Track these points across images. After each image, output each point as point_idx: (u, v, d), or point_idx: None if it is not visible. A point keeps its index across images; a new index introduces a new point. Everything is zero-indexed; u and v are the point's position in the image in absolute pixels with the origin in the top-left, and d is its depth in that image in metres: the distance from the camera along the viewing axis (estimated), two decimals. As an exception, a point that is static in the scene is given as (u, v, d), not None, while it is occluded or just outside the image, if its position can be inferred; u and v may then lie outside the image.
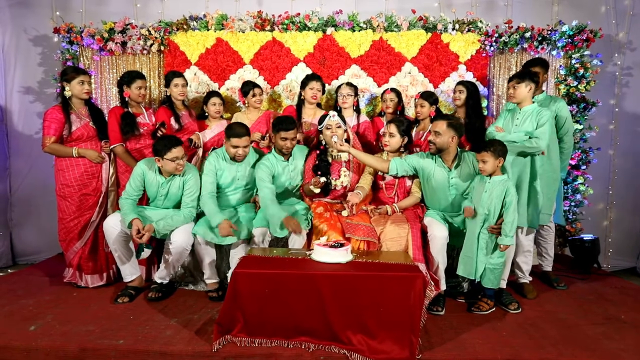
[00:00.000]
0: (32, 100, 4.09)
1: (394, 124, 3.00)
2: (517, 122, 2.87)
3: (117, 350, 2.22)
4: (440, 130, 2.73)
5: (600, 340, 2.35)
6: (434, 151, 2.80)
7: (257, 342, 2.22)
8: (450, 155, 2.82)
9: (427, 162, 2.87)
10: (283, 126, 2.96)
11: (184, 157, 2.85)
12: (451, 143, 2.76)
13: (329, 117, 3.03)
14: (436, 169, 2.84)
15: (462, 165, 2.83)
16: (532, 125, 2.81)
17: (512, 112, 2.96)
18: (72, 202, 3.04)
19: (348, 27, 3.78)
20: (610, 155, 4.03)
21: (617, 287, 3.19)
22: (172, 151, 2.77)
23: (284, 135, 2.96)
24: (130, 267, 2.92)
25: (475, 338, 2.36)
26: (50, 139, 2.95)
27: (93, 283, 3.09)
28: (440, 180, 2.83)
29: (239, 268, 2.25)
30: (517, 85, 2.86)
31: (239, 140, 2.89)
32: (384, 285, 2.16)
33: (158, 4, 4.03)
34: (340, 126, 3.03)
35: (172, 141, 2.80)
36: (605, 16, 3.97)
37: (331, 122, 3.02)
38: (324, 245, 2.38)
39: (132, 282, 2.93)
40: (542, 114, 2.80)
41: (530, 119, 2.83)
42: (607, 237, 4.05)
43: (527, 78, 2.84)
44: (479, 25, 3.74)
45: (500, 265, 2.64)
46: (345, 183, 3.03)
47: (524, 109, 2.88)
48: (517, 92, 2.86)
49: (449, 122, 2.74)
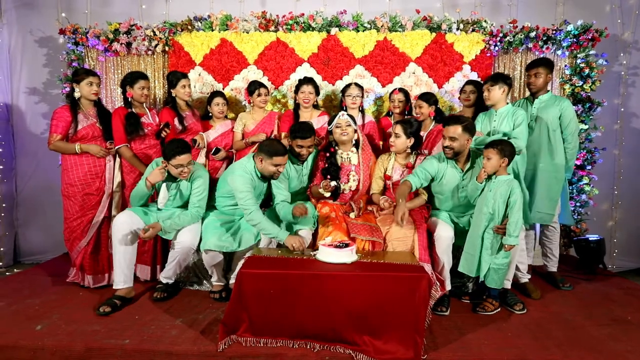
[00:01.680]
0: (38, 101, 4.12)
1: (401, 125, 2.98)
2: (495, 125, 2.96)
3: (123, 350, 2.23)
4: (456, 135, 2.68)
5: (606, 342, 2.34)
6: (451, 156, 2.75)
7: (263, 342, 2.23)
8: (463, 157, 2.80)
9: (440, 165, 2.82)
10: (300, 134, 2.93)
11: (191, 164, 2.81)
12: (466, 145, 2.75)
13: (339, 116, 3.03)
14: (448, 170, 2.82)
15: (475, 168, 2.79)
16: (510, 126, 2.90)
17: (488, 115, 3.06)
18: (76, 201, 3.06)
19: (352, 28, 3.78)
20: (615, 155, 4.01)
21: (622, 288, 3.18)
22: (177, 158, 2.73)
23: (300, 143, 2.94)
24: (124, 274, 2.78)
25: (481, 339, 2.35)
26: (56, 137, 2.99)
27: (95, 283, 3.09)
28: (452, 181, 2.81)
29: (245, 268, 2.26)
30: (490, 87, 2.96)
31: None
32: (389, 286, 2.16)
33: (163, 5, 4.05)
34: (350, 124, 3.04)
35: (180, 147, 2.74)
36: (610, 15, 3.95)
37: (341, 121, 3.02)
38: (329, 245, 2.39)
39: (120, 290, 2.78)
40: (517, 114, 2.94)
41: (506, 119, 2.93)
42: (612, 237, 4.04)
43: (500, 80, 2.95)
44: (483, 25, 3.74)
45: (504, 266, 2.63)
46: (354, 187, 3.03)
47: (500, 110, 2.98)
48: (491, 95, 2.96)
49: (464, 126, 2.67)
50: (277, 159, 2.73)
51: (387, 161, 3.09)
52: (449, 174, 2.81)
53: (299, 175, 3.11)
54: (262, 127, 3.50)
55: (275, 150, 2.73)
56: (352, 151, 3.10)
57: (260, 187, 2.91)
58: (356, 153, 3.10)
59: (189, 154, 2.79)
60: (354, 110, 3.47)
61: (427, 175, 2.80)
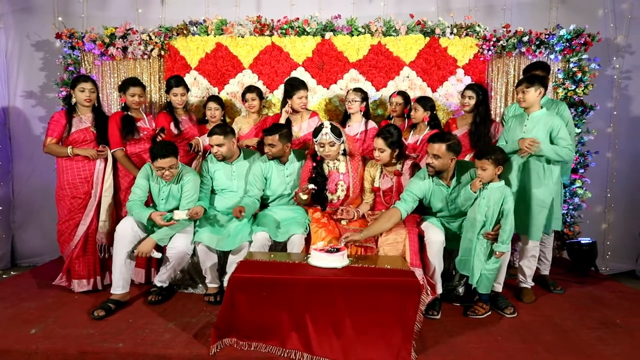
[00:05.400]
0: (34, 105, 4.14)
1: (382, 138, 2.85)
2: (526, 129, 2.79)
3: (116, 354, 2.25)
4: (439, 153, 2.64)
5: (595, 345, 2.36)
6: (432, 173, 2.73)
7: (254, 346, 2.26)
8: (448, 174, 2.77)
9: (425, 184, 2.78)
10: (264, 131, 3.01)
11: (173, 168, 2.81)
12: (450, 164, 2.71)
13: (321, 134, 2.89)
14: (434, 189, 2.79)
15: (462, 181, 2.77)
16: (544, 132, 2.74)
17: (519, 118, 2.88)
18: (64, 205, 3.09)
19: (346, 32, 3.80)
20: (608, 159, 4.04)
21: (614, 291, 3.20)
22: (158, 161, 2.75)
23: (265, 141, 3.00)
24: (124, 279, 2.81)
25: (470, 342, 2.38)
26: (50, 140, 3.05)
27: (79, 288, 3.07)
28: (440, 197, 2.81)
29: (237, 272, 2.28)
30: (526, 89, 2.75)
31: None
32: (379, 290, 2.18)
33: (158, 10, 4.07)
34: (334, 143, 2.90)
35: (162, 151, 2.75)
36: (603, 19, 3.98)
37: (323, 141, 2.90)
38: (320, 250, 2.41)
39: (115, 295, 2.80)
40: (554, 121, 2.74)
41: (540, 125, 2.76)
42: (605, 240, 4.06)
43: (537, 82, 2.74)
44: (477, 30, 3.76)
45: (494, 271, 2.65)
46: (342, 197, 3.02)
47: (533, 114, 2.80)
48: (526, 97, 2.76)
49: (448, 145, 2.63)
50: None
51: (374, 170, 3.05)
52: (436, 192, 2.80)
53: (280, 175, 3.10)
54: (257, 131, 3.52)
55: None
56: (340, 159, 3.03)
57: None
58: (344, 161, 3.04)
59: (173, 157, 2.78)
60: (355, 115, 3.47)
61: (414, 198, 2.77)
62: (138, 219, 2.86)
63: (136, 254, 2.79)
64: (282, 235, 2.84)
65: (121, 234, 2.81)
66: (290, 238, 2.83)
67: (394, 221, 2.71)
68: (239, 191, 3.12)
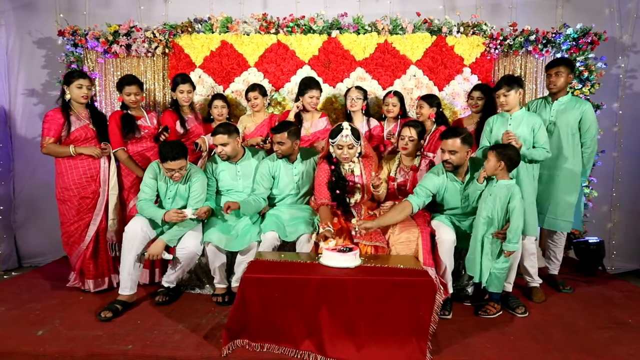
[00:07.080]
0: (36, 103, 4.09)
1: (413, 127, 2.94)
2: (510, 128, 2.86)
3: (125, 355, 2.22)
4: (455, 148, 2.65)
5: (608, 345, 2.35)
6: (451, 169, 2.73)
7: (267, 348, 2.23)
8: (463, 169, 2.77)
9: (439, 180, 2.78)
10: (273, 129, 2.99)
11: (183, 169, 2.79)
12: (466, 157, 2.72)
13: (341, 136, 2.79)
14: (448, 185, 2.79)
15: (475, 177, 2.76)
16: (527, 130, 2.84)
17: (501, 119, 2.95)
18: (72, 205, 3.03)
19: (353, 30, 3.77)
20: (614, 158, 4.03)
21: (622, 290, 3.19)
22: (168, 163, 2.71)
23: (274, 140, 2.97)
24: (132, 280, 2.78)
25: (483, 342, 2.37)
26: (49, 140, 2.95)
27: (95, 287, 3.06)
28: (453, 193, 2.80)
29: (248, 273, 2.25)
30: (507, 93, 2.85)
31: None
32: (393, 290, 2.16)
33: (162, 7, 4.02)
34: (353, 146, 2.82)
35: (172, 153, 2.70)
36: (609, 19, 3.97)
37: (343, 143, 2.80)
38: (332, 249, 2.39)
39: (122, 295, 2.77)
40: (534, 120, 2.86)
41: (522, 123, 2.86)
42: (611, 239, 4.05)
43: (515, 84, 2.86)
44: (483, 28, 3.74)
45: (505, 270, 2.64)
46: (358, 199, 2.99)
47: (515, 114, 2.90)
48: (508, 100, 2.86)
49: (462, 138, 2.65)
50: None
51: (391, 163, 3.05)
52: (450, 188, 2.79)
53: (289, 174, 3.06)
54: (262, 129, 3.49)
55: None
56: (354, 161, 2.94)
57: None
58: (358, 163, 2.97)
59: (183, 159, 2.75)
60: (357, 113, 3.46)
61: (428, 193, 2.77)
62: (151, 218, 2.82)
63: (147, 256, 2.75)
64: (291, 234, 2.81)
65: (131, 234, 2.76)
66: (299, 238, 2.80)
67: (406, 214, 2.73)
68: (244, 191, 3.09)
